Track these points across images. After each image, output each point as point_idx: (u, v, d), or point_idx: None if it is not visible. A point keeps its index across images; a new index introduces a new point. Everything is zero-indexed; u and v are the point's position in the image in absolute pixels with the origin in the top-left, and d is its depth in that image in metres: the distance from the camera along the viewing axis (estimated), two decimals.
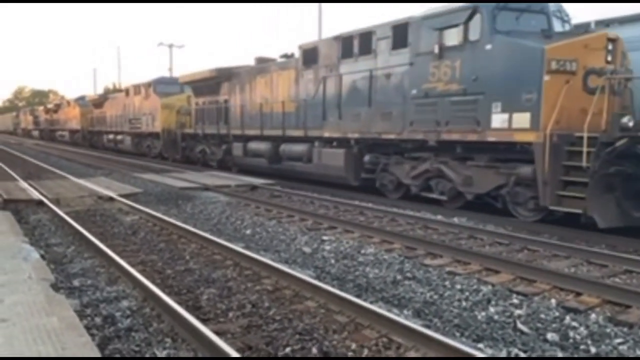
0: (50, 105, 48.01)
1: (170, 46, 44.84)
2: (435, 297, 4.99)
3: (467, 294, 5.03)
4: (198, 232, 7.38)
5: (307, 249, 6.90)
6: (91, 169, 18.23)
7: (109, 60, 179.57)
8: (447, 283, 5.34)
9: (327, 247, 6.93)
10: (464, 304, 4.81)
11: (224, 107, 17.36)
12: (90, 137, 33.75)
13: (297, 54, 13.81)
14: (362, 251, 6.65)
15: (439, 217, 8.97)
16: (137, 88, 24.88)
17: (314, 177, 13.27)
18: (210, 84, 18.00)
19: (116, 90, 48.52)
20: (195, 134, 19.34)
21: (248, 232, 8.11)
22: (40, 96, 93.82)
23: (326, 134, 12.49)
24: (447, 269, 5.80)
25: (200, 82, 18.67)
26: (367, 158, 11.50)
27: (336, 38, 12.16)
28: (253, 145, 15.55)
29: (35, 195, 10.63)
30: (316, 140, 12.88)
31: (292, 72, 13.99)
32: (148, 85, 23.40)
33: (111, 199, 10.66)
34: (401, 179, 10.77)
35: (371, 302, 4.60)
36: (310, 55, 13.19)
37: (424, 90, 9.72)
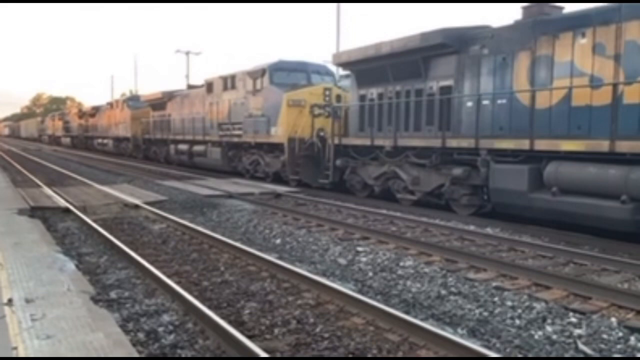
0: (85, 108, 41.42)
1: (188, 53, 45.09)
2: (486, 314, 4.77)
3: (519, 311, 4.80)
4: (230, 241, 7.23)
5: (342, 261, 6.72)
6: (112, 176, 18.26)
7: (126, 68, 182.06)
8: (496, 299, 5.11)
9: (363, 259, 6.73)
10: (517, 322, 4.58)
11: (455, 102, 10.16)
12: (147, 147, 26.55)
13: None
14: (401, 263, 6.44)
15: (472, 228, 8.73)
16: (229, 80, 17.45)
17: None
18: (409, 61, 10.87)
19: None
20: (373, 146, 11.83)
21: (278, 241, 7.95)
22: (57, 103, 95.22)
23: None
24: (494, 283, 5.57)
25: (380, 61, 11.60)
26: None
27: None
28: None
29: (62, 202, 10.60)
30: None
31: None
32: (261, 73, 15.63)
33: (137, 206, 10.58)
34: None
35: (422, 320, 4.40)
36: None
37: None
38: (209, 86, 18.98)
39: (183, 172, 18.94)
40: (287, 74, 15.57)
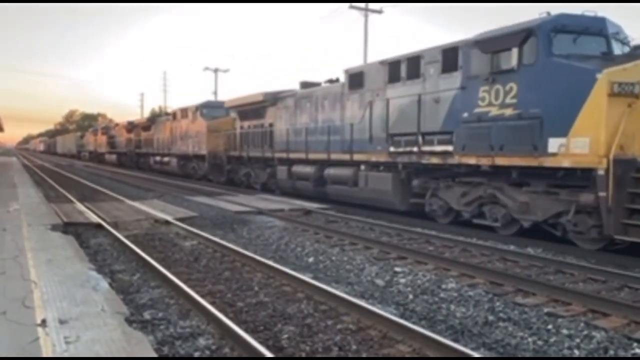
0: (138, 120, 35.10)
1: (216, 70, 45.81)
2: (541, 343, 4.44)
3: (577, 340, 4.45)
4: (262, 260, 7.05)
5: (379, 282, 6.45)
6: (142, 191, 18.36)
7: (155, 85, 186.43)
8: (550, 327, 4.77)
9: (402, 280, 6.45)
10: (576, 352, 4.25)
11: None
12: (234, 168, 20.02)
13: None
14: (443, 286, 6.14)
15: (512, 248, 8.36)
16: (406, 65, 11.17)
17: None
18: None
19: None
20: None
21: (311, 260, 7.73)
22: (89, 119, 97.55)
23: None
24: (545, 309, 5.22)
25: None
26: None
27: None
28: None
29: (94, 218, 10.62)
30: None
31: None
32: (518, 39, 8.69)
33: (167, 222, 10.52)
34: None
35: (472, 349, 4.10)
36: None
37: None
38: (354, 79, 12.96)
39: (212, 188, 18.93)
40: (572, 40, 8.64)
